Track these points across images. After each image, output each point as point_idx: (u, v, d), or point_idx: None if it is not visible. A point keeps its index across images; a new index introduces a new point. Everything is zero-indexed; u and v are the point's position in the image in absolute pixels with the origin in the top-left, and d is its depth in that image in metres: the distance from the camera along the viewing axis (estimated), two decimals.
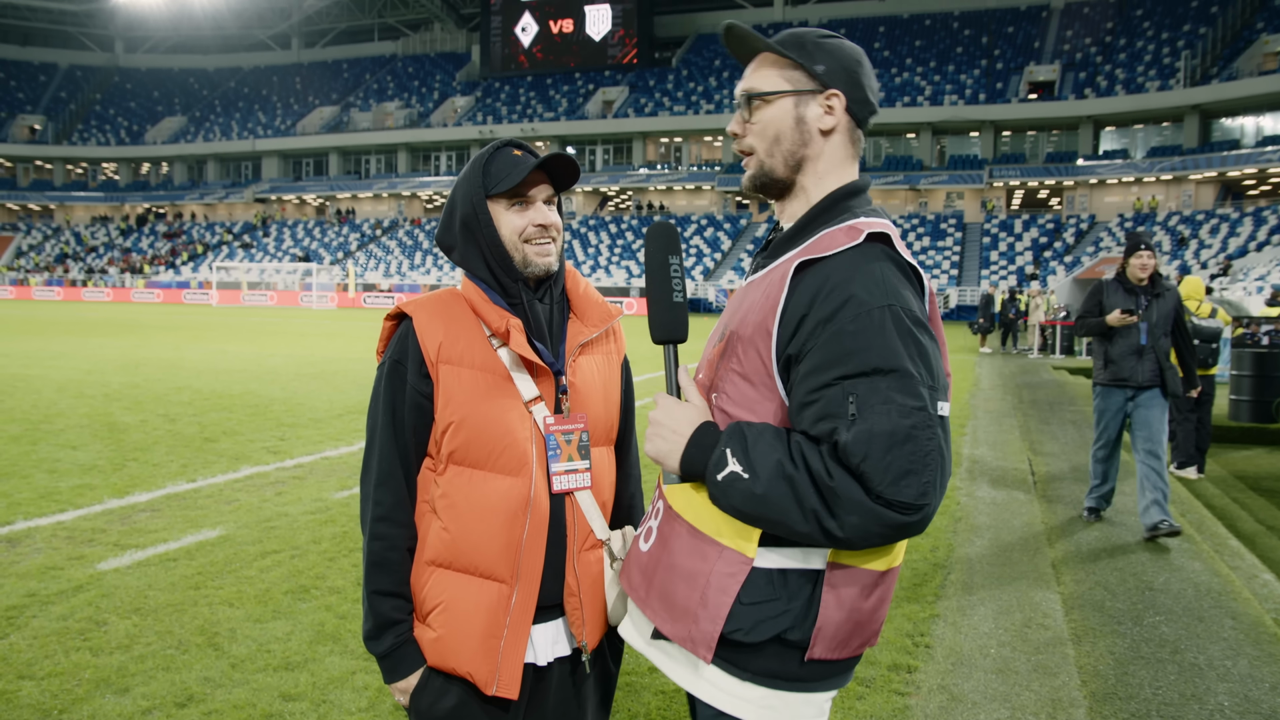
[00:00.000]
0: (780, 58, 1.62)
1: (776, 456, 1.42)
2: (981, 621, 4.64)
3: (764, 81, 1.63)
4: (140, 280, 60.95)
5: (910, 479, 1.36)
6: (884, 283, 1.45)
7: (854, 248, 1.49)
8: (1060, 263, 45.43)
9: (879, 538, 1.39)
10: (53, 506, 6.38)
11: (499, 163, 1.87)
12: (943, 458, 1.40)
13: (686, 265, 50.70)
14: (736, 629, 1.49)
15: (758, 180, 1.66)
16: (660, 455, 1.57)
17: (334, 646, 4.07)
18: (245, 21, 76.68)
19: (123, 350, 19.07)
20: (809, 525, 1.39)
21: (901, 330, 1.42)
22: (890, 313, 1.42)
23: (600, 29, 65.80)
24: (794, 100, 1.61)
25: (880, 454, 1.36)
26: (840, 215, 1.58)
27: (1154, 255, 6.43)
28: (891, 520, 1.36)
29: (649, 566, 1.62)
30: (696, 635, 1.51)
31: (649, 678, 3.86)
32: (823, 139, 1.61)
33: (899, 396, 1.38)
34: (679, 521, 1.57)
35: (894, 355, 1.40)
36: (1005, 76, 55.05)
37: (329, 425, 10.05)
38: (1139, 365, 6.30)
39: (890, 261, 1.49)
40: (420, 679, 1.85)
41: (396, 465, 1.85)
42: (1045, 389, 15.57)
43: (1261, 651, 4.29)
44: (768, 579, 1.50)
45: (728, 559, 1.50)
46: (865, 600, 1.54)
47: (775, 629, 1.49)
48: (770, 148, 1.62)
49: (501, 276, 1.87)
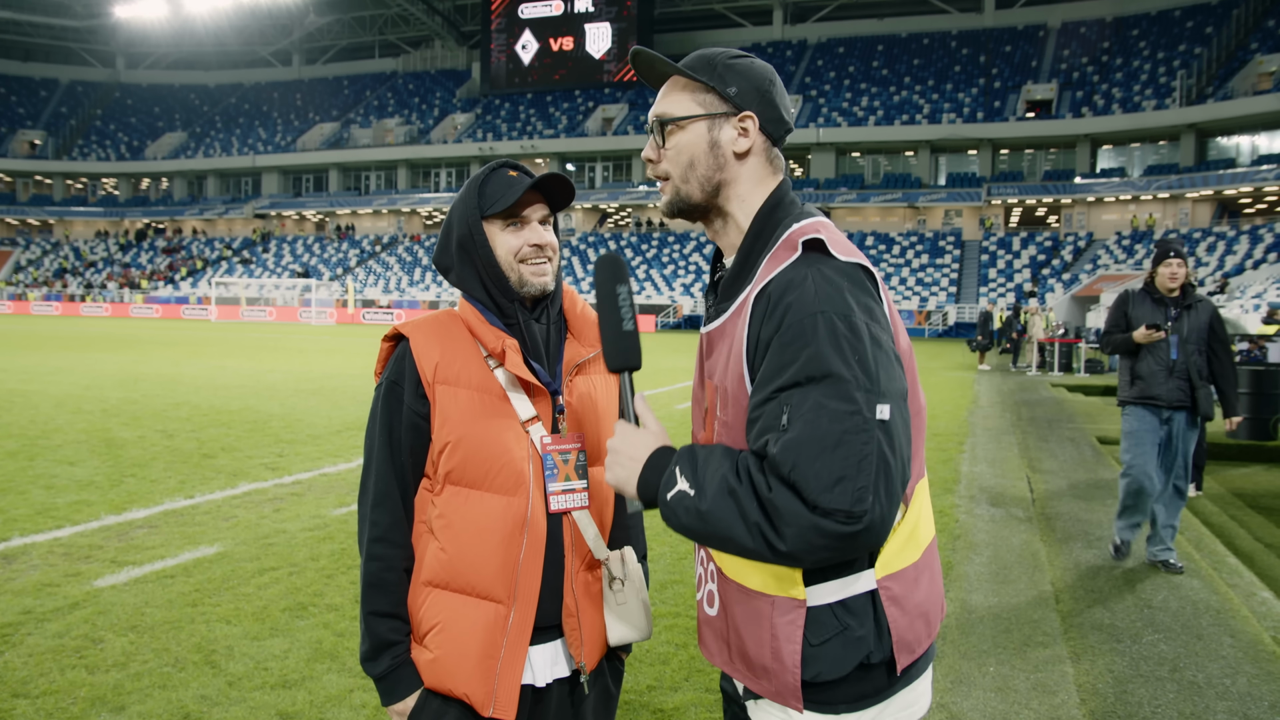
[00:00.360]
0: (691, 81, 1.60)
1: (722, 472, 1.40)
2: (980, 640, 4.64)
3: (676, 106, 1.60)
4: (139, 295, 60.98)
5: (843, 485, 1.31)
6: (817, 291, 1.41)
7: (791, 263, 1.46)
8: (1058, 280, 45.52)
9: (824, 550, 1.34)
10: (49, 523, 6.37)
11: (494, 183, 1.88)
12: (884, 462, 1.34)
13: (686, 282, 51.52)
14: (818, 672, 1.47)
15: (675, 205, 1.63)
16: (619, 482, 1.55)
17: (332, 664, 4.06)
18: (247, 38, 77.05)
19: (121, 366, 19.07)
20: (754, 540, 1.36)
21: (834, 335, 1.37)
22: (822, 319, 1.38)
23: (600, 47, 66.11)
24: (707, 124, 1.58)
25: (809, 461, 1.32)
26: (774, 232, 1.55)
27: (1185, 263, 5.89)
28: (831, 530, 1.31)
29: (721, 631, 1.61)
30: (782, 689, 1.49)
31: (647, 695, 3.85)
32: (738, 162, 1.59)
33: (830, 402, 1.34)
34: (729, 583, 1.57)
35: (823, 361, 1.36)
36: (1003, 95, 55.32)
37: (327, 441, 10.05)
38: (1169, 382, 5.78)
39: (826, 267, 1.45)
40: (418, 701, 1.84)
41: (393, 486, 1.86)
42: (1044, 406, 15.57)
43: (1260, 670, 4.28)
44: (830, 614, 1.47)
45: (781, 608, 1.48)
46: (918, 592, 1.54)
47: (856, 658, 1.47)
48: (685, 173, 1.60)
49: (498, 297, 1.88)
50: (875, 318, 1.43)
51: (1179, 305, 5.91)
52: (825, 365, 1.35)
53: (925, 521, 1.60)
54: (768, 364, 1.41)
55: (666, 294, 52.05)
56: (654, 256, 56.32)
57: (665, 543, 6.24)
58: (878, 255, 52.03)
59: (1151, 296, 5.98)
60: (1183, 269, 5.88)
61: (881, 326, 1.44)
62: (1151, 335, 5.77)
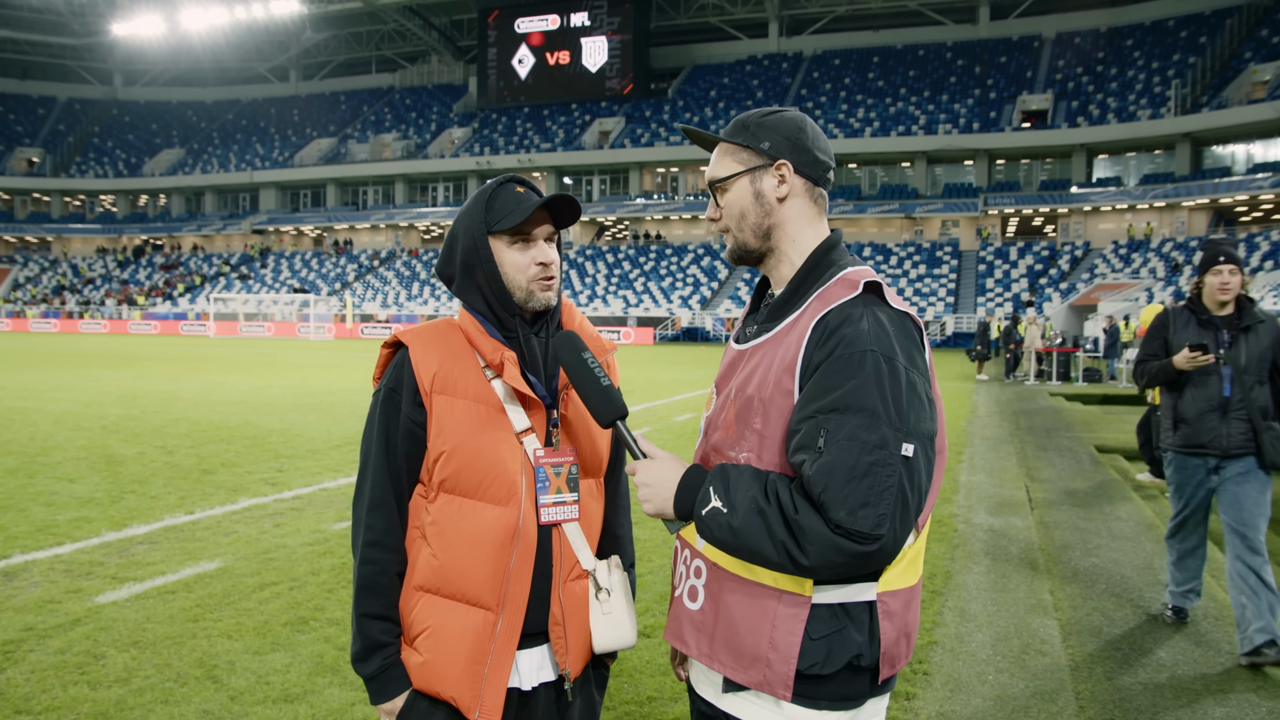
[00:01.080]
0: (730, 144, 1.79)
1: (752, 493, 1.56)
2: (979, 648, 4.65)
3: (721, 169, 1.79)
4: (137, 312, 60.99)
5: (866, 510, 1.48)
6: (872, 330, 1.58)
7: (851, 299, 1.63)
8: (1056, 289, 45.60)
9: (842, 567, 1.51)
10: (50, 540, 6.37)
11: (502, 199, 1.91)
12: (903, 494, 1.51)
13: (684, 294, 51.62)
14: (812, 663, 1.60)
15: (736, 253, 1.83)
16: (658, 510, 1.68)
17: (333, 678, 4.07)
18: (243, 54, 77.29)
19: (120, 382, 19.08)
20: (779, 555, 1.53)
21: (879, 374, 1.54)
22: (871, 357, 1.55)
23: (597, 60, 66.34)
24: (749, 178, 1.76)
25: (839, 486, 1.49)
26: (827, 270, 1.72)
27: (1240, 270, 4.66)
28: (850, 549, 1.49)
29: (705, 624, 1.71)
30: (772, 678, 1.61)
31: (648, 706, 3.86)
32: (782, 205, 1.76)
33: (863, 434, 1.51)
34: (728, 577, 1.68)
35: (865, 395, 1.53)
36: (999, 106, 55.51)
37: (327, 456, 10.06)
38: (1222, 425, 4.60)
39: (880, 311, 1.63)
40: (406, 701, 1.88)
41: (389, 491, 1.89)
42: (1042, 415, 15.60)
43: (1258, 677, 4.30)
44: (831, 613, 1.62)
45: (788, 601, 1.62)
46: (908, 613, 1.70)
47: (847, 656, 1.61)
48: (739, 224, 1.78)
49: (499, 310, 1.91)
50: (915, 364, 1.61)
51: (1233, 326, 4.65)
52: (864, 399, 1.53)
53: (922, 555, 1.76)
54: (814, 385, 1.57)
55: (664, 306, 52.08)
56: (651, 269, 56.40)
57: (665, 555, 6.25)
58: (875, 266, 52.08)
59: (1198, 316, 4.77)
60: (1236, 277, 4.65)
61: (919, 373, 1.62)
62: (1196, 359, 4.58)
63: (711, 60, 67.75)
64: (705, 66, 67.27)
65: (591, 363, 1.79)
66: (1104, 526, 7.38)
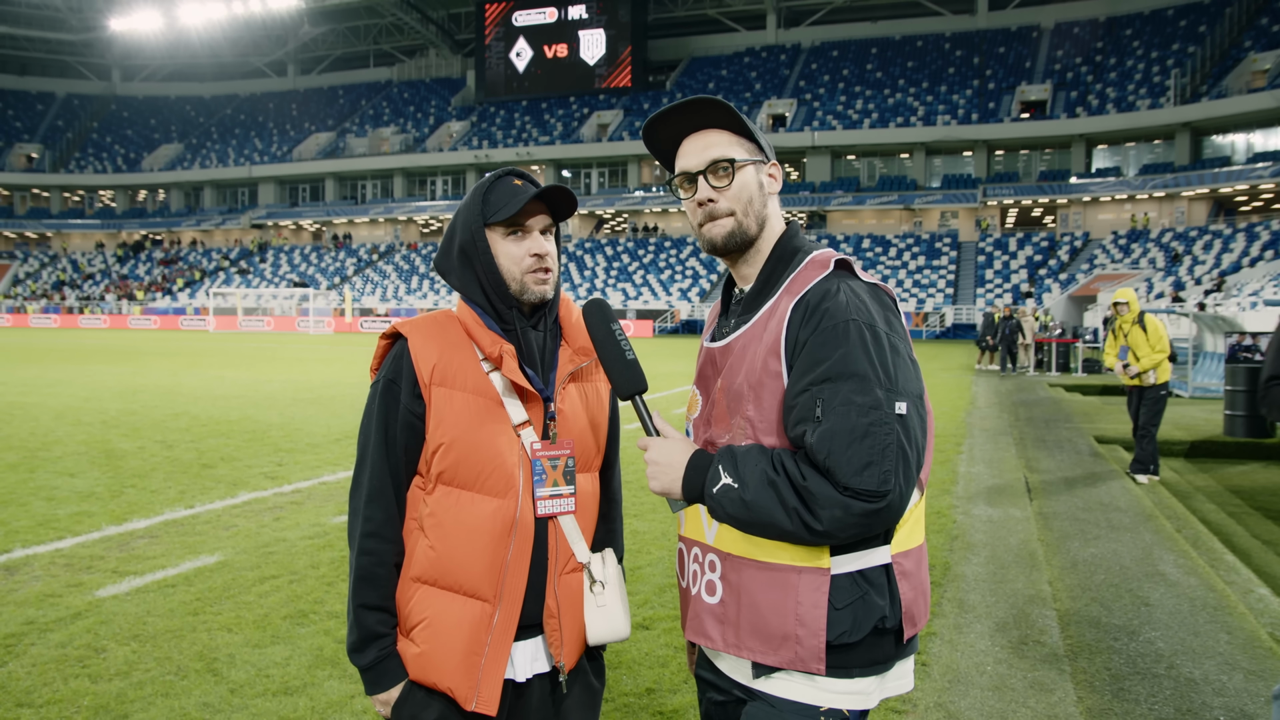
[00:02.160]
0: (733, 132, 1.82)
1: (761, 467, 1.61)
2: (978, 639, 4.66)
3: (735, 151, 1.80)
4: (137, 307, 60.98)
5: (871, 469, 1.54)
6: (850, 301, 1.65)
7: (825, 277, 1.71)
8: (1055, 280, 45.61)
9: (855, 526, 1.57)
10: (51, 534, 6.38)
11: (498, 191, 1.92)
12: (903, 450, 1.58)
13: (683, 287, 51.57)
14: (841, 632, 1.65)
15: (735, 237, 1.81)
16: (665, 488, 1.72)
17: (333, 671, 4.08)
18: (241, 49, 77.16)
19: (120, 377, 19.08)
20: (793, 523, 1.58)
21: (863, 340, 1.61)
22: (854, 326, 1.62)
23: (594, 53, 66.23)
24: (754, 168, 1.82)
25: (842, 449, 1.55)
26: (794, 256, 1.79)
27: None
28: (860, 509, 1.55)
29: (728, 615, 1.74)
30: (804, 653, 1.65)
31: (647, 698, 3.87)
32: (771, 201, 1.85)
33: (857, 398, 1.57)
34: (745, 564, 1.72)
35: (853, 362, 1.59)
36: (997, 96, 55.42)
37: (326, 450, 10.07)
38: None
39: (855, 283, 1.71)
40: (402, 692, 1.89)
41: (387, 482, 1.89)
42: (1041, 406, 15.60)
43: (1256, 666, 4.31)
44: (851, 581, 1.66)
45: (808, 576, 1.66)
46: (920, 571, 1.76)
47: (873, 620, 1.65)
48: (746, 208, 1.80)
49: (497, 303, 1.92)
50: (894, 329, 1.68)
51: None
52: (853, 365, 1.59)
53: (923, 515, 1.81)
54: (804, 360, 1.64)
55: (664, 299, 52.07)
56: (650, 261, 56.36)
57: (664, 546, 6.26)
58: (874, 257, 52.09)
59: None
60: None
61: (900, 336, 1.68)
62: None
63: (709, 52, 67.63)
64: (703, 59, 67.15)
65: (619, 334, 1.81)
66: (1103, 517, 7.39)
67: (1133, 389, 9.59)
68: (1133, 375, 9.35)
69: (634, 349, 1.83)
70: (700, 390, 1.86)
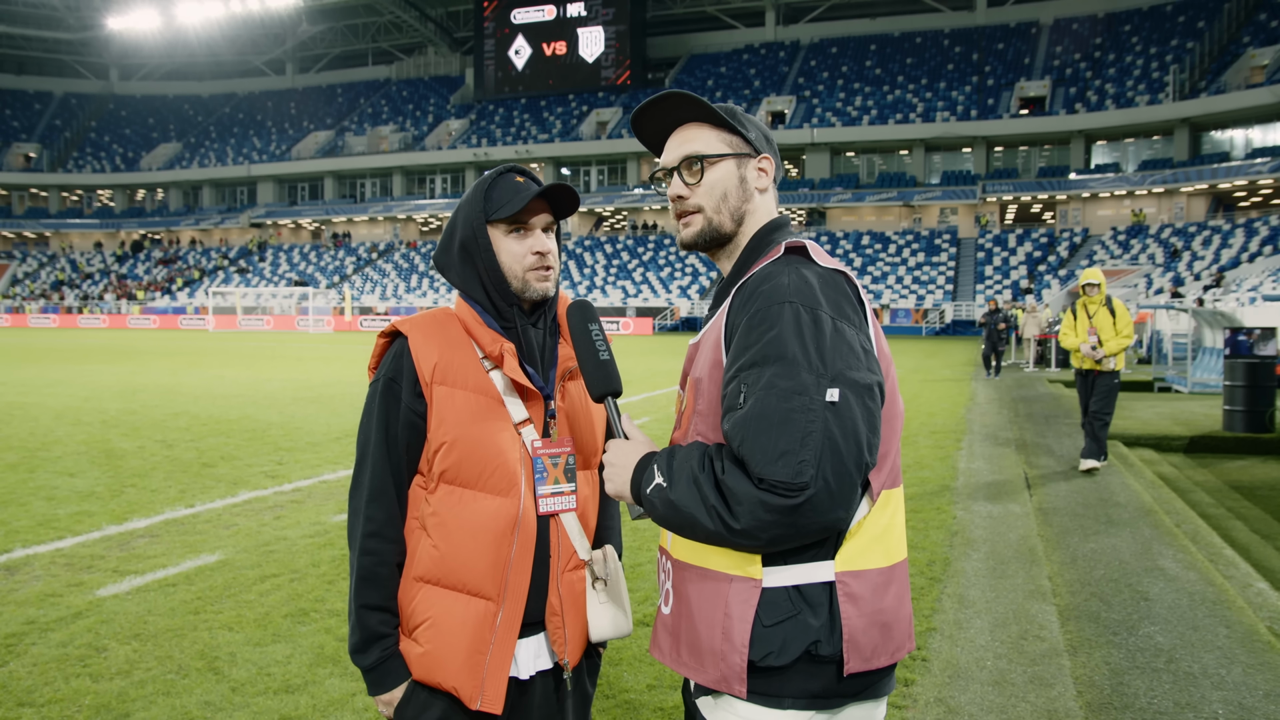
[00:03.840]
0: (715, 126, 1.74)
1: (690, 463, 1.51)
2: (978, 634, 4.67)
3: (707, 145, 1.73)
4: (136, 307, 60.96)
5: (785, 459, 1.40)
6: (790, 284, 1.52)
7: (772, 262, 1.60)
8: (1055, 276, 45.60)
9: (775, 526, 1.42)
10: (51, 534, 6.39)
11: (501, 188, 1.91)
12: (830, 440, 1.42)
13: (683, 284, 51.53)
14: (767, 653, 1.49)
15: (705, 235, 1.73)
16: (617, 490, 1.65)
17: (334, 669, 4.09)
18: (239, 48, 77.09)
19: (119, 377, 19.08)
20: (714, 522, 1.45)
21: (797, 322, 1.48)
22: (789, 307, 1.49)
23: (593, 51, 66.19)
24: (735, 162, 1.73)
25: (755, 436, 1.43)
26: (767, 249, 1.69)
27: None
28: (776, 504, 1.40)
29: (674, 626, 1.65)
30: (728, 673, 1.52)
31: (647, 695, 3.88)
32: (759, 196, 1.75)
33: (780, 381, 1.44)
34: (687, 569, 1.62)
35: (782, 344, 1.46)
36: (996, 93, 55.42)
37: (326, 449, 10.07)
38: None
39: (805, 268, 1.57)
40: (405, 692, 1.88)
41: (389, 482, 1.88)
42: (1041, 402, 15.61)
43: (1255, 659, 4.31)
44: (785, 596, 1.51)
45: (738, 587, 1.53)
46: (884, 598, 1.56)
47: (804, 643, 1.49)
48: (719, 205, 1.72)
49: (497, 300, 1.91)
50: (844, 314, 1.53)
51: None
52: (781, 348, 1.46)
53: (898, 534, 1.63)
54: (736, 345, 1.53)
55: (663, 296, 52.08)
56: (650, 259, 56.37)
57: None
58: (874, 255, 52.09)
59: None
60: None
61: (850, 323, 1.53)
62: None
63: (708, 49, 67.61)
64: (702, 56, 67.13)
65: (596, 335, 1.77)
66: (1102, 513, 7.39)
67: (1085, 373, 9.29)
68: (1098, 359, 9.03)
69: (611, 350, 1.78)
70: (681, 388, 1.81)
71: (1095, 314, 9.09)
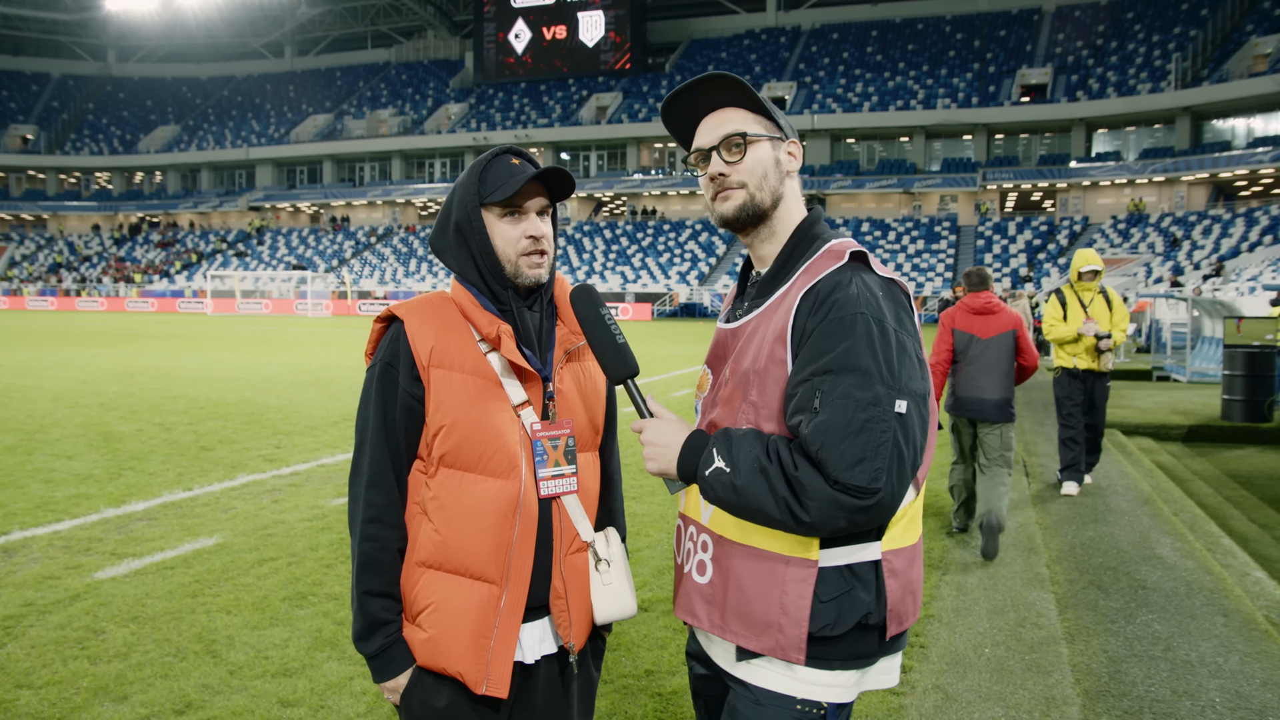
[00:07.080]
0: (749, 109, 1.81)
1: (755, 453, 1.60)
2: (976, 622, 4.67)
3: (749, 126, 1.80)
4: (134, 289, 60.85)
5: (862, 465, 1.52)
6: (861, 294, 1.62)
7: (839, 267, 1.68)
8: (1054, 264, 45.55)
9: (841, 520, 1.55)
10: (49, 516, 6.38)
11: (496, 171, 1.89)
12: (898, 449, 1.56)
13: (682, 270, 51.44)
14: (824, 625, 1.64)
15: (747, 209, 1.79)
16: (662, 469, 1.72)
17: (332, 652, 4.09)
18: (238, 30, 76.71)
19: (118, 360, 19.06)
20: (781, 512, 1.56)
21: (869, 335, 1.59)
22: (861, 319, 1.60)
23: (593, 35, 65.91)
24: (771, 144, 1.80)
25: (835, 443, 1.53)
26: (812, 244, 1.78)
27: None
28: (848, 504, 1.53)
29: (715, 596, 1.74)
30: (785, 642, 1.65)
31: (645, 680, 3.88)
32: (789, 180, 1.83)
33: (857, 392, 1.55)
34: (733, 546, 1.72)
35: (858, 356, 1.57)
36: (997, 80, 55.22)
37: (325, 433, 10.06)
38: None
39: (868, 276, 1.68)
40: (410, 678, 1.87)
41: (388, 467, 1.87)
42: (1040, 390, 15.60)
43: (1252, 648, 4.32)
44: (839, 574, 1.66)
45: (795, 567, 1.65)
46: (911, 570, 1.74)
47: (857, 615, 1.65)
48: (760, 182, 1.78)
49: (492, 283, 1.90)
50: (904, 326, 1.66)
51: None
52: (857, 359, 1.57)
53: (921, 513, 1.79)
54: (808, 350, 1.62)
55: (662, 282, 52.01)
56: (649, 245, 56.27)
57: (662, 529, 6.27)
58: (873, 241, 52.00)
59: None
60: None
61: (909, 334, 1.67)
62: None
63: (709, 35, 67.32)
64: (703, 41, 66.86)
65: (608, 319, 1.79)
66: (1100, 501, 7.40)
67: (1083, 375, 7.88)
68: (1104, 349, 7.72)
69: (624, 332, 1.81)
70: (711, 370, 1.86)
71: (1091, 303, 7.84)
